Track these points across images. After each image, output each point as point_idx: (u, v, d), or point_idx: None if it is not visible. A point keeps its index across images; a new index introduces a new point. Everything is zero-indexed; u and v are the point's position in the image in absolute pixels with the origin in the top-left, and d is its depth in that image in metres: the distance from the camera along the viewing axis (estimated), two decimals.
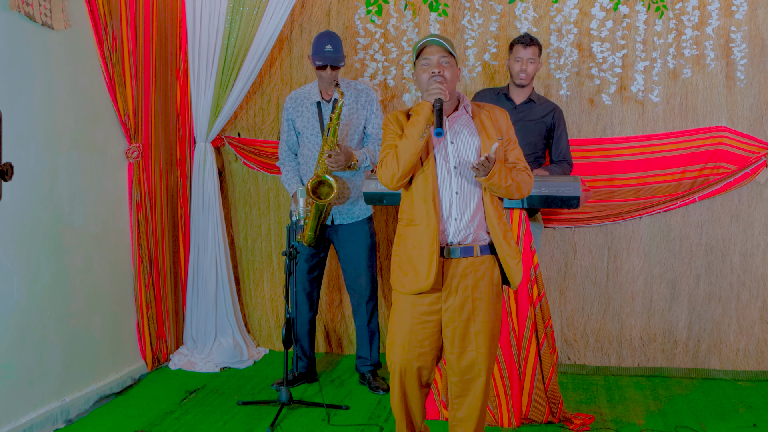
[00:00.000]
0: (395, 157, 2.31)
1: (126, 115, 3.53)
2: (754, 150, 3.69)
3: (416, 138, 2.28)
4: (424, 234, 2.33)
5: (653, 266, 3.88)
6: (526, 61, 3.40)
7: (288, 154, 3.65)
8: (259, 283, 4.30)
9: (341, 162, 3.38)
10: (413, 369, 2.41)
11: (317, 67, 3.46)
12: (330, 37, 3.46)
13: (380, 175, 2.38)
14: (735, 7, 3.63)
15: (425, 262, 2.32)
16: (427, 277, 2.32)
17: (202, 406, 3.36)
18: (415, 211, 2.37)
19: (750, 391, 3.58)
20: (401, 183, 2.36)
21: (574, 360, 3.97)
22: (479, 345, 2.39)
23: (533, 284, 3.10)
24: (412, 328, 2.39)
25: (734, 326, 3.81)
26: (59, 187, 3.13)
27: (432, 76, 2.33)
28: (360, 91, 3.55)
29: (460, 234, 2.36)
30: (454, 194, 2.36)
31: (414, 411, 2.51)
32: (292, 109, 3.60)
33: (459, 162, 2.37)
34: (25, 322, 2.94)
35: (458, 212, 2.36)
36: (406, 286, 2.37)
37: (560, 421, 3.12)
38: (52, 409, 3.06)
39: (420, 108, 2.30)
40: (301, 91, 3.63)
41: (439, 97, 2.27)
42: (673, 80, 3.79)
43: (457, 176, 2.36)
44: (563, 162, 3.52)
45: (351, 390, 3.60)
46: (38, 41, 2.98)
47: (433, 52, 2.36)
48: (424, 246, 2.32)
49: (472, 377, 2.41)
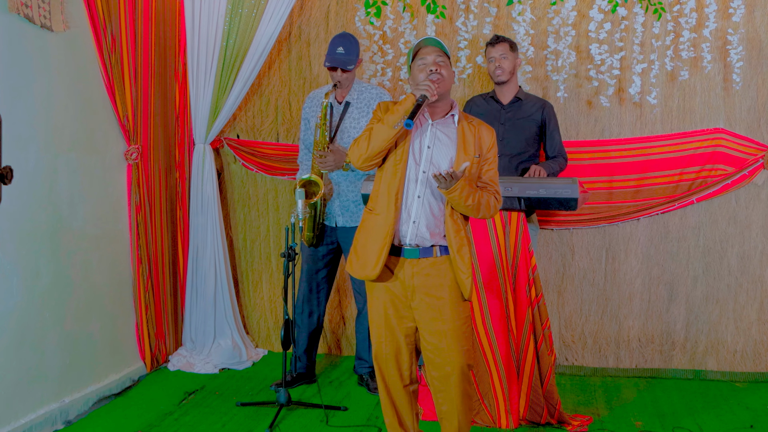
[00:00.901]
0: (367, 139, 2.37)
1: (125, 116, 3.54)
2: (751, 152, 3.71)
3: (390, 125, 2.32)
4: (381, 225, 2.39)
5: (651, 268, 3.89)
6: (498, 58, 3.49)
7: (305, 153, 3.65)
8: (258, 285, 4.31)
9: (330, 162, 3.39)
10: (392, 361, 2.49)
11: (328, 68, 3.47)
12: (343, 39, 3.45)
13: (350, 152, 2.43)
14: (732, 9, 3.64)
15: (375, 253, 2.39)
16: (374, 267, 2.39)
17: (201, 407, 3.36)
18: (379, 200, 2.42)
19: (747, 392, 3.59)
20: (367, 164, 2.41)
21: (572, 361, 3.98)
22: (449, 342, 2.43)
23: (531, 286, 3.11)
24: (387, 321, 2.47)
25: (731, 328, 3.82)
26: (58, 189, 3.14)
27: (429, 74, 2.36)
28: (373, 95, 3.54)
29: (417, 237, 2.40)
30: (416, 197, 2.40)
31: (401, 410, 2.56)
32: (308, 109, 3.61)
33: (429, 167, 2.40)
34: (24, 322, 2.94)
35: (417, 216, 2.40)
36: (355, 270, 2.45)
37: (558, 422, 3.13)
38: (51, 410, 3.06)
39: (405, 99, 2.34)
40: (319, 91, 3.63)
41: (425, 94, 2.30)
42: (670, 82, 3.80)
43: (423, 180, 2.40)
44: (558, 157, 3.55)
45: (349, 391, 3.61)
46: (38, 43, 2.99)
47: (429, 53, 2.39)
48: (378, 237, 2.39)
49: (447, 373, 2.46)
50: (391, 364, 2.51)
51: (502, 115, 3.53)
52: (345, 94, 3.53)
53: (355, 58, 3.45)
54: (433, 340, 2.44)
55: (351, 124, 3.50)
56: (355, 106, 3.50)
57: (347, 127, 3.50)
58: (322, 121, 3.42)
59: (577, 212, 3.86)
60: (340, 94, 3.53)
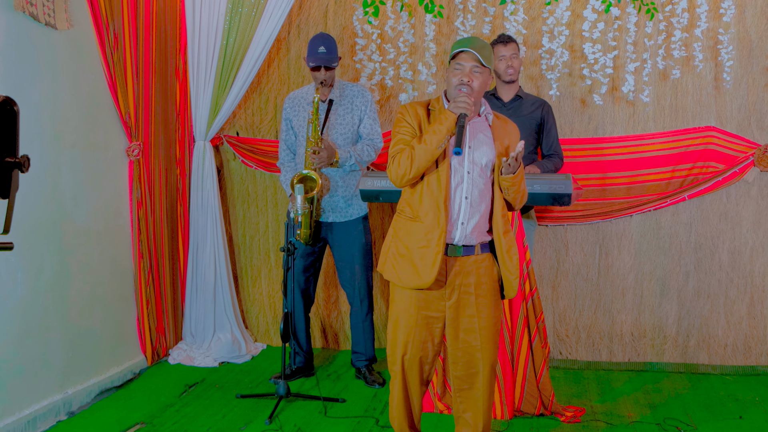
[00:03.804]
0: (410, 158, 2.32)
1: (127, 113, 3.60)
2: (742, 150, 3.78)
3: (435, 147, 2.30)
4: (432, 233, 2.35)
5: (644, 263, 3.96)
6: (509, 57, 3.52)
7: (287, 153, 3.72)
8: (257, 280, 4.37)
9: (324, 158, 3.46)
10: (416, 365, 2.47)
11: (311, 69, 3.54)
12: (323, 39, 3.54)
13: (390, 170, 2.39)
14: (723, 10, 3.71)
15: (429, 262, 2.35)
16: (430, 275, 2.35)
17: (201, 399, 3.42)
18: (422, 208, 2.38)
19: (737, 385, 3.66)
20: (409, 184, 2.40)
21: (567, 355, 4.05)
22: (483, 340, 2.44)
23: (525, 280, 3.18)
24: (417, 324, 2.43)
25: (722, 322, 3.90)
26: (62, 184, 3.20)
27: (459, 84, 2.34)
28: (356, 93, 3.63)
29: (465, 238, 2.41)
30: (464, 199, 2.39)
31: (415, 409, 2.56)
32: (290, 109, 3.68)
33: (473, 168, 2.40)
34: (28, 316, 3.00)
35: (465, 217, 2.39)
36: (404, 281, 2.40)
37: (552, 414, 3.20)
38: (54, 401, 3.12)
39: (444, 117, 2.30)
40: (299, 92, 3.70)
41: (464, 113, 2.28)
42: (663, 81, 3.87)
43: (469, 181, 2.39)
44: (554, 156, 3.60)
45: (347, 384, 3.67)
46: (42, 41, 3.05)
47: (468, 59, 2.35)
48: (431, 245, 2.35)
49: (475, 371, 2.47)
50: (416, 366, 2.46)
51: (502, 112, 3.59)
52: (328, 92, 3.61)
53: (336, 56, 3.54)
54: (467, 338, 2.44)
55: (337, 121, 3.59)
56: (339, 104, 3.59)
57: (334, 124, 3.58)
58: (314, 117, 3.48)
59: (571, 209, 3.94)
60: (324, 92, 3.60)
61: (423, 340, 2.45)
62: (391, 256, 2.47)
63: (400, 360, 2.47)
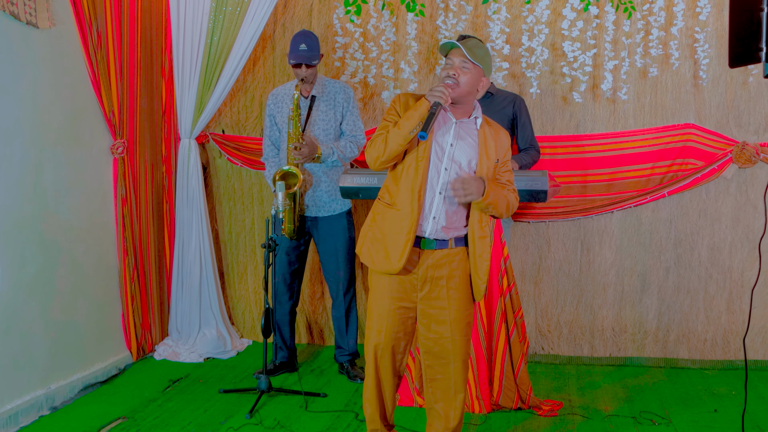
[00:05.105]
0: (384, 142, 2.38)
1: (111, 111, 3.63)
2: (720, 147, 3.82)
3: (407, 132, 2.34)
4: (404, 221, 2.41)
5: (624, 259, 4.00)
6: None
7: (271, 149, 3.76)
8: (243, 276, 4.40)
9: (305, 154, 3.50)
10: (388, 353, 2.52)
11: (292, 66, 3.58)
12: (305, 36, 3.58)
13: (366, 152, 2.46)
14: (699, 8, 3.75)
15: (399, 248, 2.41)
16: (399, 261, 2.41)
17: (184, 394, 3.46)
18: (399, 196, 2.43)
19: (715, 379, 3.70)
20: (383, 166, 2.44)
21: (548, 350, 4.09)
22: (454, 331, 2.48)
23: (503, 275, 3.21)
24: (390, 314, 2.49)
25: (702, 317, 3.94)
26: (44, 182, 3.23)
27: (446, 77, 2.38)
28: (338, 89, 3.67)
29: (436, 232, 2.45)
30: (437, 194, 2.43)
31: (387, 399, 2.60)
32: (273, 105, 3.72)
33: (451, 165, 2.43)
34: (10, 311, 3.03)
35: (438, 212, 2.43)
36: (377, 265, 2.47)
37: (529, 407, 3.24)
38: (37, 396, 3.16)
39: (419, 104, 2.34)
40: (282, 89, 3.74)
41: (438, 101, 2.33)
42: (642, 79, 3.91)
43: (445, 177, 2.43)
44: (531, 149, 3.62)
45: (330, 379, 3.71)
46: (23, 40, 3.07)
47: (456, 55, 2.40)
48: (402, 232, 2.41)
49: (446, 361, 2.51)
50: (388, 354, 2.51)
51: None
52: (310, 89, 3.66)
53: (318, 53, 3.58)
54: (439, 329, 2.48)
55: (320, 117, 3.63)
56: (322, 100, 3.64)
57: (316, 120, 3.62)
58: (294, 113, 3.53)
59: (552, 205, 3.98)
60: (305, 89, 3.64)
61: (396, 330, 2.50)
62: (368, 239, 2.53)
63: (373, 348, 2.52)
